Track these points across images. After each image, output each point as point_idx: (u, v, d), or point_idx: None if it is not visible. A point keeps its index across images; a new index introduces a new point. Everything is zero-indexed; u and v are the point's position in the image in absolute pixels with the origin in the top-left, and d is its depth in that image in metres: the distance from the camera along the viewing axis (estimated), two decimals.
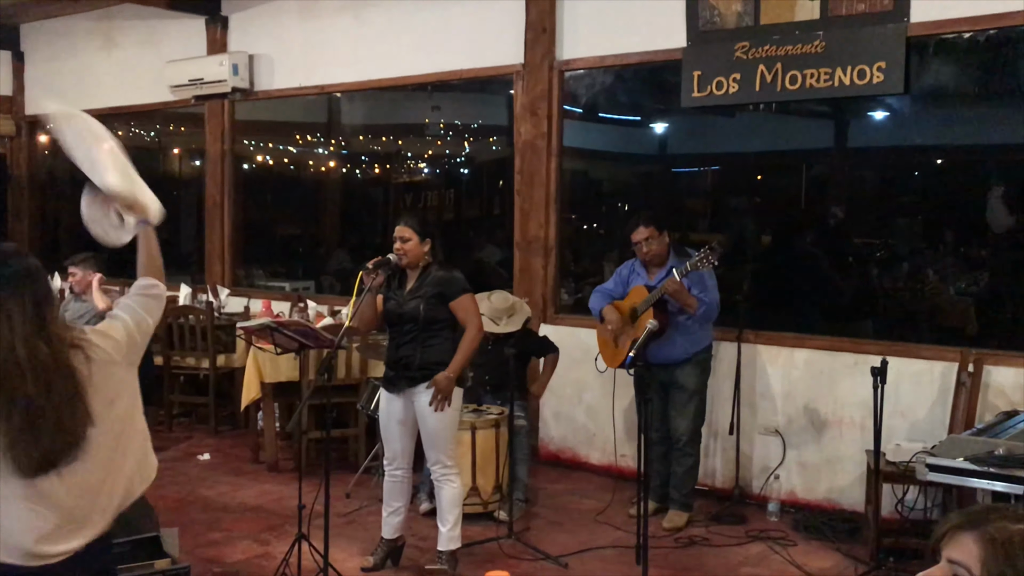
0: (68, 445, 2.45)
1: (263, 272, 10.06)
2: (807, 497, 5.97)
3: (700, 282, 5.50)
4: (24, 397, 2.37)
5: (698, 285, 5.50)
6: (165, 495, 6.16)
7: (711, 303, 5.49)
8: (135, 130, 11.21)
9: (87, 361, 2.53)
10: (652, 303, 5.45)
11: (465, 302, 4.69)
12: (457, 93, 9.03)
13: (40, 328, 2.46)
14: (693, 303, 5.42)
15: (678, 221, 7.79)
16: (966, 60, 5.81)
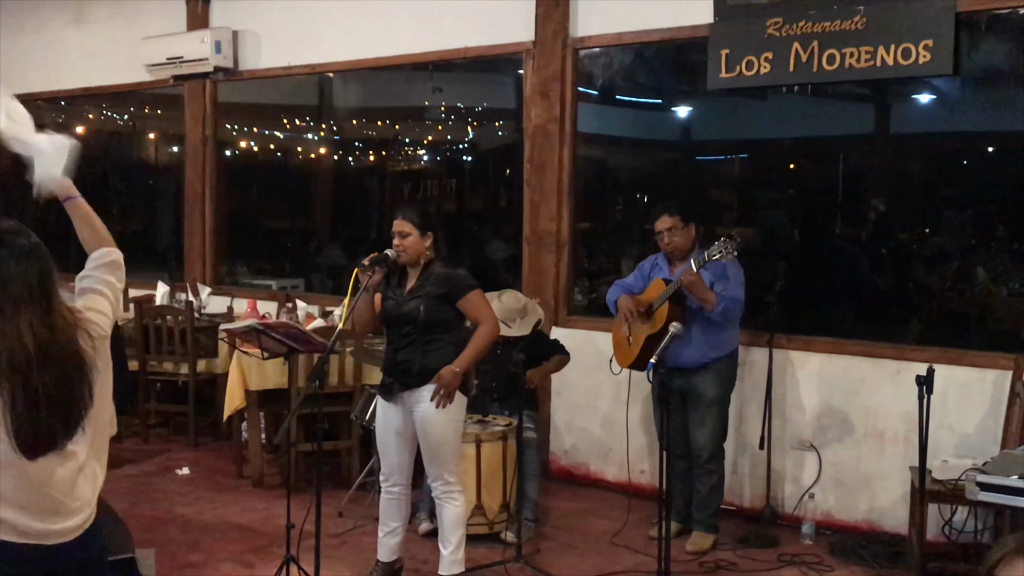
0: (70, 425, 2.58)
1: (248, 269, 10.08)
2: (845, 518, 5.96)
3: (722, 275, 5.50)
4: (32, 385, 2.47)
5: (720, 279, 5.50)
6: (140, 513, 6.19)
7: (731, 299, 5.47)
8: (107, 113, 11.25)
9: (90, 340, 2.64)
10: (668, 297, 5.46)
11: (474, 298, 4.70)
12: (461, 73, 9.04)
13: (47, 311, 2.54)
14: (711, 298, 5.41)
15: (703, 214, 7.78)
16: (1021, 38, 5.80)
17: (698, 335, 5.58)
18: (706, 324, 5.55)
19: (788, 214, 7.97)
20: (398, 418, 4.74)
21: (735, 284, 5.53)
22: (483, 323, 4.70)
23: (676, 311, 5.45)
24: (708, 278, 5.48)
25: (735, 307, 5.52)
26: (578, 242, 7.32)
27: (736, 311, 5.55)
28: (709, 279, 5.48)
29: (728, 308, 5.47)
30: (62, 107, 11.15)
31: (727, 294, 5.47)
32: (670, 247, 5.66)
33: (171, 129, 10.28)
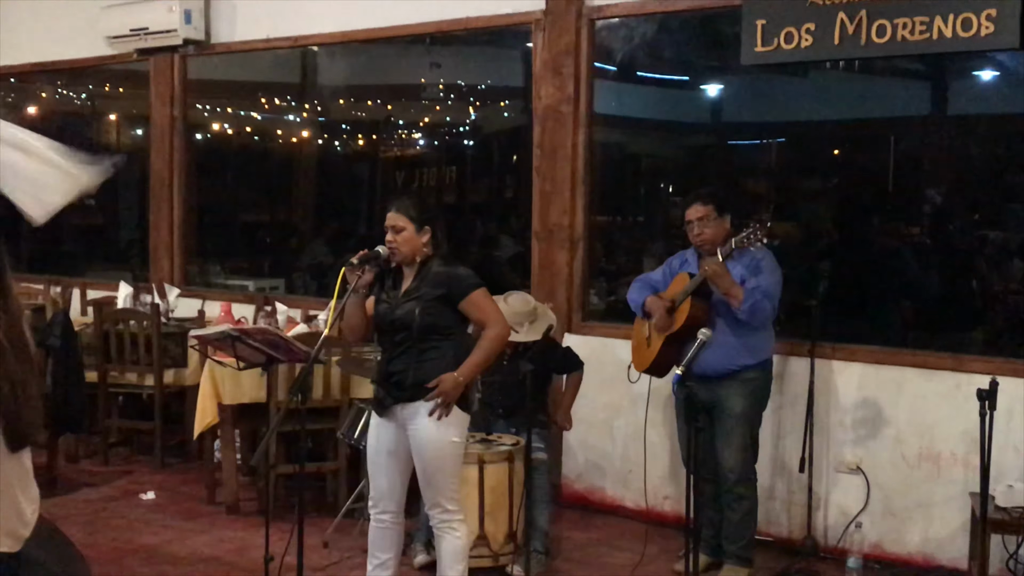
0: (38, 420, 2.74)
1: (222, 268, 10.12)
2: (896, 550, 5.96)
3: (754, 267, 5.49)
4: (10, 374, 2.59)
5: (752, 271, 5.48)
6: (98, 542, 6.21)
7: (763, 295, 5.43)
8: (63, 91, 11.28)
9: (31, 333, 2.73)
10: (691, 291, 5.47)
11: (479, 299, 4.68)
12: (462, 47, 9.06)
13: (5, 300, 2.64)
14: (738, 293, 5.39)
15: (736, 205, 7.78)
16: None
17: (724, 337, 5.52)
18: (734, 325, 5.52)
19: (832, 206, 7.97)
20: (391, 436, 4.73)
21: (770, 279, 5.51)
22: (490, 326, 4.68)
23: (700, 307, 5.46)
24: (740, 272, 5.47)
25: (766, 305, 5.47)
26: (595, 238, 7.31)
27: (767, 310, 5.50)
28: (740, 273, 5.47)
29: (758, 305, 5.42)
30: (12, 85, 11.19)
31: (757, 290, 5.44)
32: (700, 239, 5.65)
33: (136, 110, 10.31)
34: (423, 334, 4.64)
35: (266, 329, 5.20)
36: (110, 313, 7.92)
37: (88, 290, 9.44)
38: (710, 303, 5.50)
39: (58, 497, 7.06)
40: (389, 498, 4.82)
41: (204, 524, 6.61)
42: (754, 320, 5.50)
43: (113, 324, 7.79)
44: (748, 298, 5.40)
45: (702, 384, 5.58)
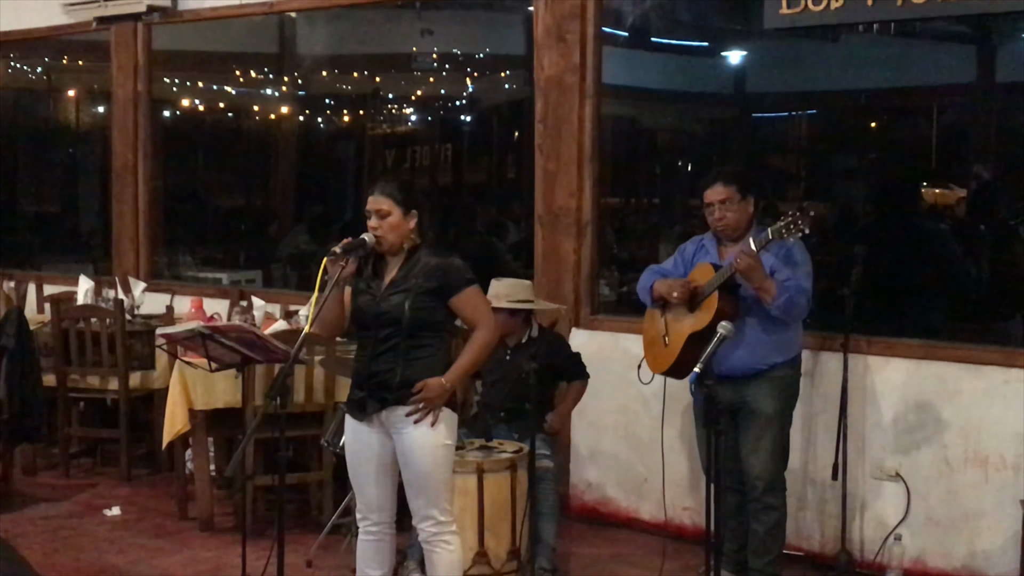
0: None
1: (193, 259, 10.17)
2: (940, 564, 5.96)
3: (788, 260, 5.48)
4: None
5: (786, 264, 5.48)
6: (59, 563, 6.25)
7: (797, 291, 5.42)
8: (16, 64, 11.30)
9: None
10: (718, 285, 5.45)
11: (473, 296, 4.73)
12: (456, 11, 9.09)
13: None
14: (771, 288, 5.39)
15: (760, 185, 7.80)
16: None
17: (754, 335, 5.56)
18: (765, 321, 5.53)
19: (867, 185, 7.98)
20: (374, 442, 4.76)
21: (804, 271, 5.52)
22: (481, 328, 4.74)
23: (729, 303, 5.43)
24: (770, 262, 5.47)
25: (801, 300, 5.47)
26: (604, 222, 7.32)
27: (802, 306, 5.51)
28: (771, 263, 5.47)
29: (793, 301, 5.42)
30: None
31: (791, 284, 5.44)
32: (721, 224, 5.64)
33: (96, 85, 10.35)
34: (413, 330, 4.66)
35: (241, 326, 5.24)
36: (69, 310, 7.96)
37: (45, 285, 9.48)
38: (738, 297, 5.51)
39: (14, 513, 7.14)
40: (379, 508, 4.85)
41: (175, 542, 6.65)
42: (788, 316, 5.51)
43: (73, 322, 7.83)
44: (782, 293, 5.38)
45: (727, 385, 5.59)
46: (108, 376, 7.81)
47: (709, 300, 5.50)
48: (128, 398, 7.77)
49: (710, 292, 5.50)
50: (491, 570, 5.78)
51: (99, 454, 8.35)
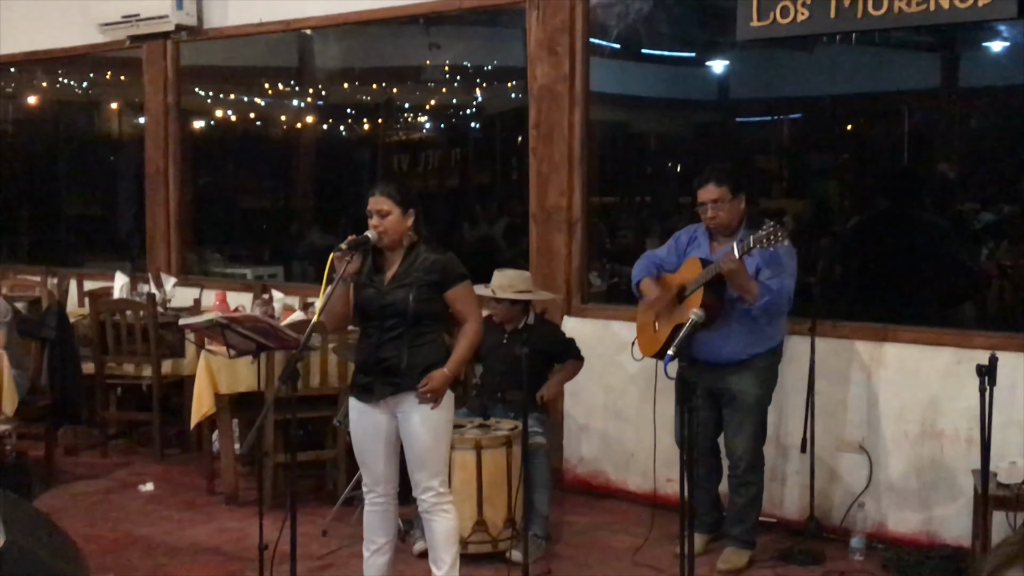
0: None
1: (221, 256, 10.18)
2: (900, 529, 6.00)
3: (775, 263, 5.48)
4: None
5: (771, 266, 5.49)
6: (97, 534, 6.29)
7: (779, 292, 5.45)
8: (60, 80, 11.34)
9: None
10: (704, 283, 5.48)
11: (464, 291, 4.79)
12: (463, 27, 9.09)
13: None
14: (753, 290, 5.41)
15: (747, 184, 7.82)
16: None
17: (738, 328, 5.59)
18: (748, 316, 5.55)
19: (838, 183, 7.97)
20: (380, 422, 4.79)
21: (786, 273, 5.51)
22: (470, 321, 4.80)
23: (712, 299, 5.43)
24: (755, 264, 5.47)
25: (782, 301, 5.50)
26: (593, 219, 7.34)
27: (783, 305, 5.54)
28: (756, 265, 5.47)
29: (773, 302, 5.45)
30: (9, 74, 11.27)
31: (773, 285, 5.44)
32: (714, 222, 5.66)
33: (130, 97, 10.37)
34: (416, 320, 4.70)
35: (255, 317, 5.27)
36: (106, 304, 8.00)
37: (85, 281, 9.52)
38: (723, 295, 5.51)
39: (57, 489, 7.18)
40: (385, 481, 4.89)
41: (203, 515, 6.69)
42: (768, 315, 5.54)
43: (109, 315, 7.87)
44: (763, 294, 5.41)
45: (712, 371, 5.66)
46: (142, 364, 7.85)
47: (695, 295, 5.51)
48: (160, 384, 7.80)
49: (696, 288, 5.52)
50: (489, 537, 5.83)
51: (135, 435, 8.41)
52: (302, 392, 6.64)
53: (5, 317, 6.83)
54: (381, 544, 4.97)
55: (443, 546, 4.84)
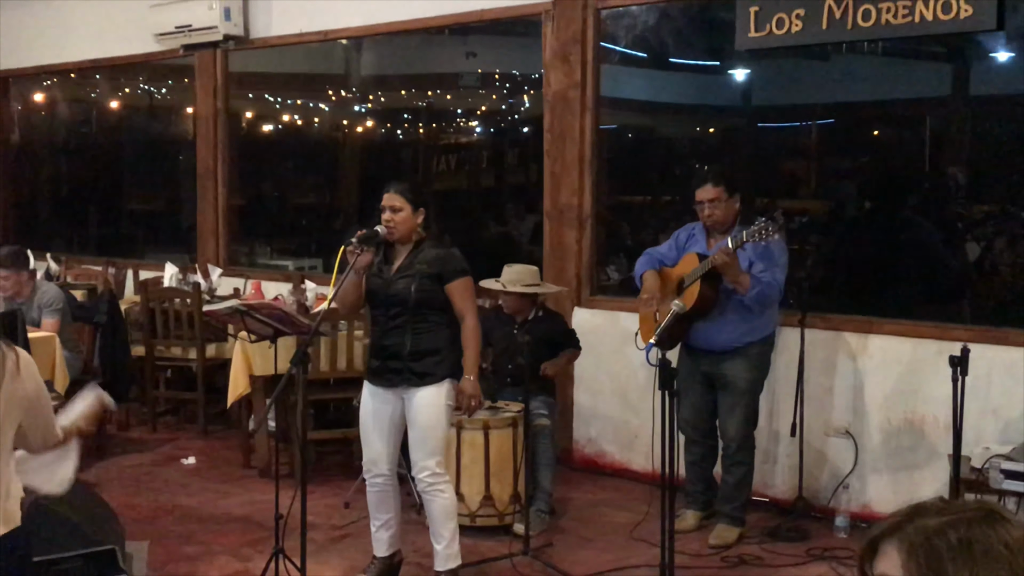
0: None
1: (270, 249, 10.28)
2: (883, 510, 5.95)
3: (766, 257, 5.49)
4: None
5: (763, 260, 5.49)
6: (139, 503, 6.40)
7: (768, 284, 5.45)
8: (127, 90, 11.49)
9: None
10: (700, 275, 5.49)
11: (463, 287, 4.80)
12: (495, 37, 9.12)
13: None
14: (745, 281, 5.42)
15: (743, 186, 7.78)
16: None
17: (732, 317, 5.60)
18: (740, 307, 5.56)
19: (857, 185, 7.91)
20: (386, 405, 4.86)
21: (777, 266, 5.52)
22: (468, 317, 4.81)
23: (708, 291, 5.47)
24: (748, 257, 5.49)
25: (772, 292, 5.50)
26: (614, 218, 7.34)
27: (773, 296, 5.55)
28: (749, 259, 5.49)
29: (764, 293, 5.46)
30: (73, 80, 11.43)
31: (764, 277, 5.45)
32: (711, 220, 5.67)
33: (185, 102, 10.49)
34: (417, 309, 4.75)
35: (271, 304, 5.34)
36: (156, 292, 8.11)
37: (140, 271, 9.65)
38: (718, 287, 5.52)
39: (107, 461, 7.29)
40: (384, 462, 4.94)
41: (238, 487, 6.77)
42: (759, 305, 5.54)
43: (159, 302, 7.98)
44: (754, 286, 5.42)
45: (707, 358, 5.69)
46: (188, 347, 7.95)
47: (692, 288, 5.54)
48: (204, 366, 7.91)
49: (693, 280, 5.54)
50: (496, 511, 5.87)
51: (181, 412, 8.52)
52: (329, 375, 6.75)
53: (59, 304, 6.94)
54: (385, 520, 5.04)
55: (441, 522, 4.89)
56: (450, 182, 10.58)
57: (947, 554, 1.58)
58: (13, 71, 11.30)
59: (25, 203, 12.14)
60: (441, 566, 4.91)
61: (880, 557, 1.65)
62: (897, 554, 1.62)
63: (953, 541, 1.59)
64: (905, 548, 1.62)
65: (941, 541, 1.59)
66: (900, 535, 1.64)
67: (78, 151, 12.07)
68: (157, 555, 5.46)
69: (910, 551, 1.61)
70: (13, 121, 11.82)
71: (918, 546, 1.60)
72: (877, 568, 1.65)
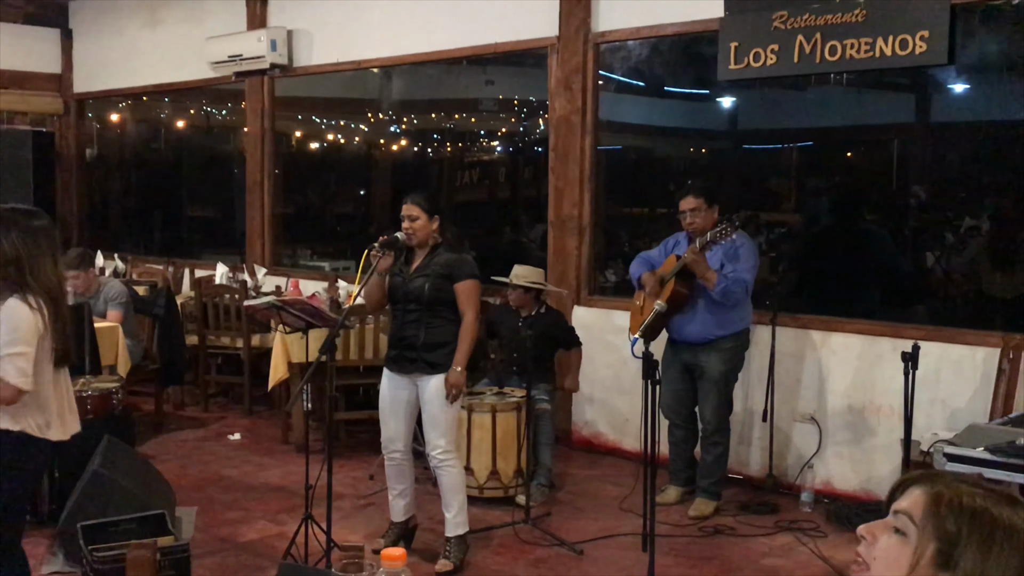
0: (70, 350, 3.69)
1: (310, 252, 10.31)
2: (843, 487, 5.97)
3: (733, 256, 5.50)
4: (62, 311, 3.60)
5: (732, 261, 5.51)
6: (189, 473, 6.45)
7: (735, 281, 5.44)
8: (188, 111, 11.57)
9: None
10: (675, 273, 5.51)
11: (468, 287, 4.80)
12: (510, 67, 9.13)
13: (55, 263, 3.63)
14: (711, 277, 5.42)
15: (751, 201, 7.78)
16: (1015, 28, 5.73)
17: (703, 312, 5.61)
18: (710, 303, 5.57)
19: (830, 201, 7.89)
20: (402, 387, 4.88)
21: (745, 266, 5.53)
22: (468, 314, 4.78)
23: (683, 287, 5.51)
24: (719, 257, 5.50)
25: (737, 289, 5.49)
26: (599, 226, 7.34)
27: (738, 292, 5.52)
28: (720, 258, 5.50)
29: (729, 289, 5.46)
30: (142, 102, 11.52)
31: (732, 275, 5.47)
32: (692, 227, 5.67)
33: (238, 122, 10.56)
34: (431, 305, 4.77)
35: (303, 300, 5.36)
36: (208, 288, 8.16)
37: (196, 270, 9.71)
38: (693, 282, 5.53)
39: (162, 436, 7.36)
40: (399, 440, 4.96)
41: (277, 460, 6.81)
42: (726, 301, 5.54)
43: (211, 297, 8.03)
44: (720, 282, 5.43)
45: (686, 349, 5.71)
46: (236, 337, 8.00)
47: (669, 283, 5.57)
48: (250, 353, 7.94)
49: (670, 277, 5.57)
50: (501, 484, 5.89)
51: (230, 394, 8.57)
52: (358, 363, 6.79)
53: (123, 298, 7.01)
54: (401, 489, 5.06)
55: (450, 493, 4.91)
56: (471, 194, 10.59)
57: (966, 523, 1.56)
58: (90, 94, 11.40)
59: (98, 209, 12.25)
60: (451, 532, 4.93)
61: (906, 496, 1.64)
62: (922, 495, 1.61)
63: (977, 505, 1.57)
64: (933, 494, 1.60)
65: (968, 511, 1.57)
66: (932, 483, 1.62)
67: (145, 164, 12.16)
68: (204, 519, 5.52)
69: (937, 498, 1.59)
70: (90, 138, 11.92)
71: (947, 498, 1.58)
72: (900, 504, 1.64)
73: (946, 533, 1.56)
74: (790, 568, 5.05)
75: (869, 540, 1.64)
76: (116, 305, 6.94)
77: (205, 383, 8.24)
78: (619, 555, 5.19)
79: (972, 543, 1.54)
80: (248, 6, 9.25)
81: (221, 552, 5.14)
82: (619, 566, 5.04)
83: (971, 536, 1.55)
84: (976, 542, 1.54)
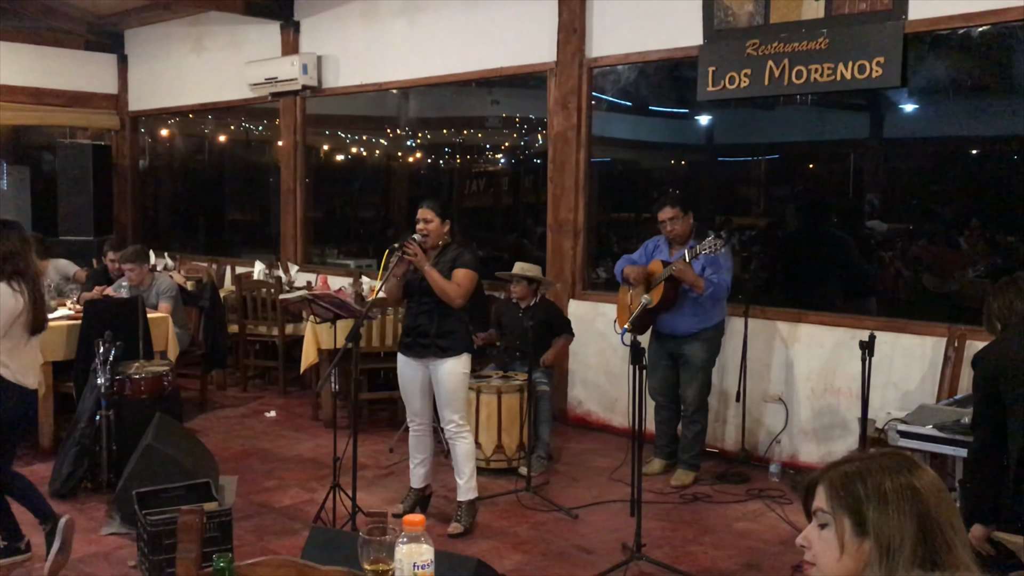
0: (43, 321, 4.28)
1: (337, 251, 10.29)
2: (807, 460, 5.96)
3: (715, 263, 5.50)
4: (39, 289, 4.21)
5: (713, 266, 5.50)
6: (231, 446, 6.44)
7: (719, 284, 5.47)
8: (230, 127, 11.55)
9: None
10: (664, 278, 5.49)
11: (464, 274, 4.70)
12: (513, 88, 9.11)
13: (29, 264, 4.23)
14: (699, 284, 5.43)
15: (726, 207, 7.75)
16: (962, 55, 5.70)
17: (688, 310, 5.62)
18: (694, 303, 5.58)
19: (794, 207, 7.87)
20: (418, 372, 4.86)
21: (724, 271, 5.53)
22: (457, 288, 4.68)
23: (671, 290, 5.49)
24: (701, 265, 5.49)
25: (721, 290, 5.54)
26: (592, 230, 7.33)
27: (722, 293, 5.57)
28: (701, 265, 5.49)
29: (716, 292, 5.50)
30: (189, 119, 11.50)
31: (715, 279, 5.47)
32: (672, 234, 5.68)
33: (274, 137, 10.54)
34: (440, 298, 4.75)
35: (331, 294, 5.35)
36: (247, 283, 8.14)
37: (236, 267, 9.70)
38: (679, 287, 5.53)
39: (207, 414, 7.34)
40: (421, 415, 4.95)
41: (308, 435, 6.80)
42: (713, 301, 5.58)
43: (249, 291, 8.02)
44: (708, 287, 5.45)
45: (672, 340, 5.69)
46: (272, 326, 7.97)
47: (658, 286, 5.54)
48: (284, 341, 7.92)
49: (659, 282, 5.54)
50: (505, 457, 5.88)
51: (267, 377, 8.54)
52: (380, 349, 6.77)
53: (172, 292, 6.99)
54: (421, 459, 5.05)
55: (463, 461, 4.90)
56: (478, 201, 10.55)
57: (860, 489, 1.61)
58: (142, 112, 11.38)
59: (150, 213, 12.24)
60: (463, 496, 4.92)
61: (815, 496, 1.70)
62: (823, 489, 1.67)
63: (868, 482, 1.62)
64: (828, 482, 1.66)
65: (857, 479, 1.63)
66: (825, 475, 1.69)
67: (191, 174, 12.14)
68: (243, 487, 5.51)
69: (831, 483, 1.65)
70: (143, 151, 11.91)
71: (838, 484, 1.64)
72: (814, 505, 1.69)
73: (850, 505, 1.62)
74: (759, 530, 5.04)
75: (807, 545, 1.70)
76: (166, 298, 6.93)
77: (244, 367, 8.22)
78: (609, 519, 5.18)
79: (871, 502, 1.60)
80: (283, 34, 9.22)
81: (259, 516, 5.13)
82: (609, 528, 5.03)
83: (868, 498, 1.60)
84: (873, 500, 1.60)
